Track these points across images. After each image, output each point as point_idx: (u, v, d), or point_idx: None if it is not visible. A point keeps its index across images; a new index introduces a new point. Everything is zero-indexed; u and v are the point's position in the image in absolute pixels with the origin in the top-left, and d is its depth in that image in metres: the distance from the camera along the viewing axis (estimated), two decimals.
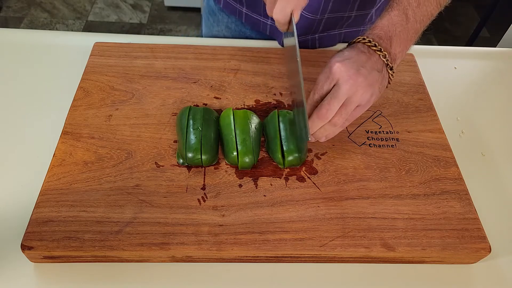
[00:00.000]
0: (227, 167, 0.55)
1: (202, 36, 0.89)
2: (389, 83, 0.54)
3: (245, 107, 0.62)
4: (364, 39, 0.52)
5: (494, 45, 0.87)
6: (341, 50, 0.53)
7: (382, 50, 0.51)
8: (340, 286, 0.49)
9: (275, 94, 0.64)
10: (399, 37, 0.52)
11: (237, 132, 0.55)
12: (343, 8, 0.69)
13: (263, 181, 0.54)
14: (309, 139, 0.51)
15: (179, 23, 2.13)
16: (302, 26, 0.71)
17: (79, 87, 0.62)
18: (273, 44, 0.76)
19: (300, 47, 0.63)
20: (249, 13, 0.75)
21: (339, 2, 0.67)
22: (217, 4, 0.80)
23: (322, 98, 0.50)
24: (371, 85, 0.50)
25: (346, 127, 0.60)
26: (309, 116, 0.50)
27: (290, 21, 0.52)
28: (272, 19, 0.73)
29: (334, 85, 0.49)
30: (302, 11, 0.68)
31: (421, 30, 0.54)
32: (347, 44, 0.54)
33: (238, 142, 0.54)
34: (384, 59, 0.51)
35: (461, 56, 0.78)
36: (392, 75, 0.53)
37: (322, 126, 0.51)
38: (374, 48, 0.51)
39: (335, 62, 0.50)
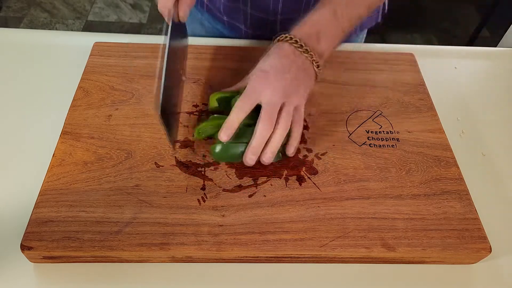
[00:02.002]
0: (227, 168, 0.55)
1: None
2: (316, 78, 0.55)
3: None
4: (291, 38, 0.52)
5: (494, 45, 0.86)
6: (265, 56, 0.53)
7: (309, 51, 0.52)
8: (340, 286, 0.49)
9: None
10: (326, 34, 0.54)
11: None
12: (295, 8, 0.70)
13: (263, 181, 0.54)
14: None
15: None
16: (257, 26, 0.73)
17: (79, 87, 0.62)
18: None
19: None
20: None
21: (290, 2, 0.68)
22: None
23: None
24: (301, 83, 0.52)
25: (346, 127, 0.60)
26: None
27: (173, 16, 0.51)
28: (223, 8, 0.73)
29: (258, 103, 0.50)
30: (254, 11, 0.70)
31: (348, 29, 0.56)
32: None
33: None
34: (310, 59, 0.52)
35: (461, 56, 0.78)
36: (319, 71, 0.54)
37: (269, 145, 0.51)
38: (300, 49, 0.52)
39: (255, 80, 0.51)
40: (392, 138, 0.59)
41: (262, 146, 0.51)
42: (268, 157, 0.52)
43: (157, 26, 2.11)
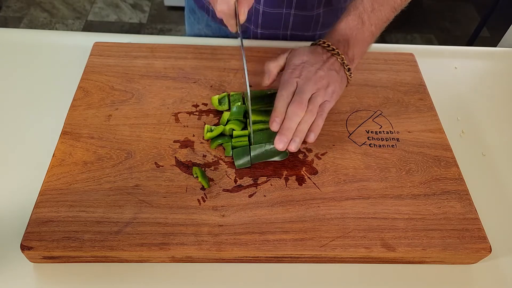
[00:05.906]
0: (227, 167, 0.55)
1: (186, 35, 0.89)
2: (348, 82, 0.58)
3: None
4: (324, 42, 0.57)
5: (494, 45, 0.86)
6: (301, 50, 0.57)
7: (340, 54, 0.56)
8: (340, 286, 0.49)
9: None
10: (355, 39, 0.57)
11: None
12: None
13: (263, 181, 0.54)
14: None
15: (179, 23, 2.13)
16: (268, 24, 0.75)
17: (79, 87, 0.62)
18: (273, 43, 0.75)
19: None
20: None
21: None
22: (194, 2, 0.80)
23: (286, 106, 0.52)
24: (332, 82, 0.54)
25: (346, 127, 0.60)
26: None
27: (237, 18, 0.52)
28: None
29: (295, 90, 0.53)
30: (267, 7, 0.72)
31: (376, 32, 0.59)
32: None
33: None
34: (340, 61, 0.56)
35: (461, 56, 0.78)
36: (350, 75, 0.57)
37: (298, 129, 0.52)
38: (332, 52, 0.56)
39: (289, 72, 0.54)
40: (392, 138, 0.59)
41: (293, 128, 0.51)
42: (295, 144, 0.52)
43: (157, 26, 2.11)
